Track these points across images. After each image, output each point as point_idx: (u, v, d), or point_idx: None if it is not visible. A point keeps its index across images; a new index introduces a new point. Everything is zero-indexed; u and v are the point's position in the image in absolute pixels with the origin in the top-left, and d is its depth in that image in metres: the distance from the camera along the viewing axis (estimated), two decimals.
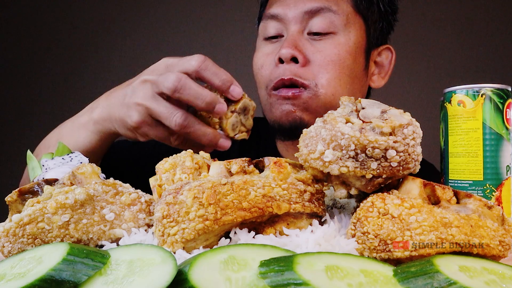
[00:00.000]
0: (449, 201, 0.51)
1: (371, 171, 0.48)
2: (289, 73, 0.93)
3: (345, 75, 0.96)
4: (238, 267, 0.41)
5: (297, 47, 0.93)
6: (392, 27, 1.10)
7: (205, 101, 0.74)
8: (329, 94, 0.94)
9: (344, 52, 0.95)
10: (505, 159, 0.71)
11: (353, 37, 0.97)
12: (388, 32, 1.09)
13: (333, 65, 0.94)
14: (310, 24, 0.95)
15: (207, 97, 0.74)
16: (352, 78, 0.97)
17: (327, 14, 0.94)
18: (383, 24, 1.05)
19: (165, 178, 0.55)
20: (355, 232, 0.48)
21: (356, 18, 0.99)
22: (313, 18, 0.95)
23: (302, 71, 0.93)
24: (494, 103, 0.71)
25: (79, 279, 0.40)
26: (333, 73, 0.94)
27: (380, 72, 1.08)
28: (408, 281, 0.40)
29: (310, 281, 0.37)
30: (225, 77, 0.76)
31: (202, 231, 0.47)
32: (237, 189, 0.49)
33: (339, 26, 0.95)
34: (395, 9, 1.08)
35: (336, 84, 0.95)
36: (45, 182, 0.57)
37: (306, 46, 0.95)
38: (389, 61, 1.08)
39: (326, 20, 0.94)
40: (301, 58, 0.93)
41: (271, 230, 0.51)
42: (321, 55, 0.94)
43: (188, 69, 0.76)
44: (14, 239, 0.50)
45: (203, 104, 0.74)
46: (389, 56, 1.09)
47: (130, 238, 0.53)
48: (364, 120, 0.50)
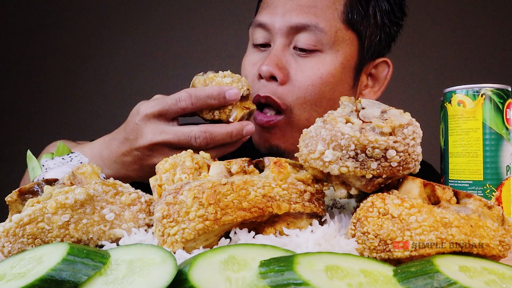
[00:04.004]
0: (449, 201, 0.51)
1: (371, 171, 0.48)
2: (267, 91, 0.91)
3: (324, 99, 0.91)
4: (238, 267, 0.41)
5: (278, 64, 0.90)
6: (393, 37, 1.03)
7: (233, 136, 0.77)
8: (303, 120, 0.91)
9: (327, 74, 0.90)
10: (505, 159, 0.71)
11: (341, 55, 0.92)
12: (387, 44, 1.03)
13: (312, 88, 0.90)
14: (296, 38, 0.91)
15: (233, 131, 0.77)
16: (333, 100, 0.92)
17: (313, 31, 0.90)
18: (381, 36, 0.99)
19: (165, 178, 0.55)
20: (355, 232, 0.48)
21: (347, 34, 0.93)
22: (300, 33, 0.90)
23: (281, 90, 0.90)
24: (494, 103, 0.71)
25: (79, 279, 0.40)
26: (311, 97, 0.90)
27: (374, 86, 1.03)
28: (408, 281, 0.40)
29: (310, 281, 0.37)
30: (216, 93, 0.76)
31: (202, 231, 0.47)
32: (237, 189, 0.49)
33: (326, 45, 0.90)
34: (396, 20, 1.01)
35: (311, 110, 0.91)
36: (45, 182, 0.57)
37: (290, 62, 0.91)
38: (385, 75, 1.02)
39: (312, 38, 0.90)
40: (280, 77, 0.89)
41: (271, 230, 0.51)
42: (302, 76, 0.90)
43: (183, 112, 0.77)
44: (14, 239, 0.50)
45: (233, 139, 0.78)
46: (386, 70, 1.02)
47: (130, 238, 0.53)
48: (364, 120, 0.50)
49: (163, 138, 0.76)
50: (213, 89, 0.76)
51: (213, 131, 0.76)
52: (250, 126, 0.79)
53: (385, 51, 1.03)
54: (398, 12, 1.01)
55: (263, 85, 0.92)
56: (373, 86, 1.03)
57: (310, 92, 0.90)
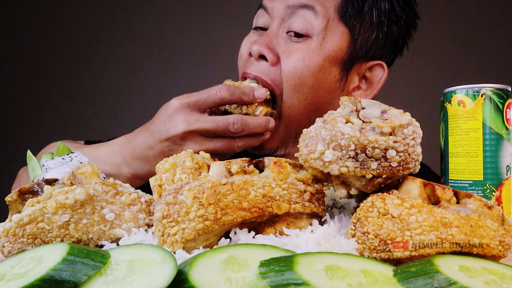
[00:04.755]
0: (449, 201, 0.51)
1: (371, 171, 0.48)
2: (255, 70, 0.93)
3: (306, 85, 0.92)
4: (238, 267, 0.41)
5: (268, 45, 0.92)
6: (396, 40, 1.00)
7: (262, 127, 0.87)
8: (286, 107, 0.93)
9: (309, 60, 0.92)
10: (505, 159, 0.71)
11: (329, 45, 0.93)
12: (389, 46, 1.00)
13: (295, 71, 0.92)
14: (289, 21, 0.93)
15: (263, 122, 0.87)
16: (315, 88, 0.93)
17: (308, 14, 0.92)
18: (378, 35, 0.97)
19: (165, 178, 0.55)
20: (355, 232, 0.48)
21: (338, 26, 0.94)
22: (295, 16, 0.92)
23: (272, 70, 0.92)
24: (494, 103, 0.71)
25: (79, 279, 0.40)
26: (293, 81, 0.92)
27: (367, 89, 1.01)
28: (408, 281, 0.40)
29: (310, 281, 0.37)
30: (247, 90, 0.87)
31: (202, 231, 0.47)
32: (237, 189, 0.49)
33: (315, 30, 0.92)
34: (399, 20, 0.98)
35: (293, 96, 0.92)
36: (45, 182, 0.57)
37: (280, 45, 0.93)
38: (379, 79, 1.00)
39: (304, 21, 0.92)
40: (270, 57, 0.92)
41: (271, 230, 0.51)
42: (288, 58, 0.92)
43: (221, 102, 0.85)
44: (14, 239, 0.50)
45: (262, 130, 0.87)
46: (380, 73, 1.00)
47: (130, 238, 0.53)
48: (364, 120, 0.50)
49: (200, 126, 0.82)
50: (245, 87, 0.88)
51: (246, 119, 0.85)
52: (273, 122, 0.89)
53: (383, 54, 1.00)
54: (402, 12, 0.99)
55: (252, 63, 0.94)
56: (366, 90, 1.01)
57: (292, 76, 0.92)
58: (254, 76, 0.93)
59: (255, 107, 0.89)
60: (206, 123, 0.83)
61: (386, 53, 1.01)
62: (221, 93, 0.84)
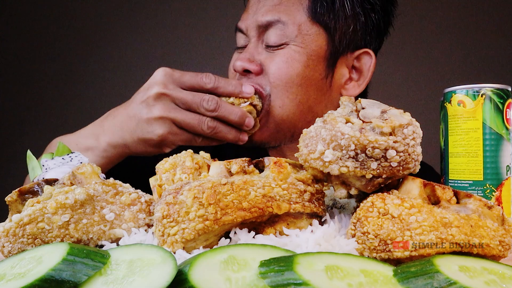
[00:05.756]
0: (449, 201, 0.51)
1: (371, 171, 0.48)
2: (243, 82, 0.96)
3: (294, 84, 0.94)
4: (238, 267, 0.41)
5: (250, 59, 0.95)
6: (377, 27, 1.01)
7: (237, 116, 0.85)
8: (277, 107, 0.95)
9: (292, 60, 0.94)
10: (505, 159, 0.71)
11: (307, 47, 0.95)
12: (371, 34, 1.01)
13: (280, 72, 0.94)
14: (265, 36, 0.96)
15: (239, 112, 0.85)
16: (303, 87, 0.95)
17: (278, 26, 0.95)
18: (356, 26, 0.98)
19: (165, 178, 0.55)
20: (355, 232, 0.48)
21: (312, 27, 0.96)
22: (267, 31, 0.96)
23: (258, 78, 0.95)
24: (494, 103, 0.71)
25: (79, 279, 0.40)
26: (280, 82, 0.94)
27: (359, 79, 1.02)
28: (408, 281, 0.40)
29: (310, 281, 0.37)
30: (234, 81, 0.86)
31: (202, 231, 0.47)
32: (237, 189, 0.49)
33: (291, 37, 0.95)
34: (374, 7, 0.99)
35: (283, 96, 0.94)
36: (45, 182, 0.57)
37: (263, 56, 0.96)
38: (368, 67, 1.01)
39: (278, 33, 0.95)
40: (253, 68, 0.94)
41: (271, 230, 0.51)
42: (272, 63, 0.94)
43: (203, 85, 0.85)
44: (14, 239, 0.50)
45: (236, 119, 0.85)
46: (368, 61, 1.01)
47: (130, 238, 0.53)
48: (364, 120, 0.50)
49: (176, 92, 0.82)
50: (233, 80, 0.87)
51: (222, 102, 0.84)
52: (252, 120, 0.87)
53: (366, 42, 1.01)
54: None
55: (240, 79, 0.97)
56: (358, 79, 1.03)
57: (278, 77, 0.94)
58: None
59: (243, 101, 0.87)
60: (182, 93, 0.83)
61: (370, 40, 1.02)
62: (206, 78, 0.85)
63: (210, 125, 0.84)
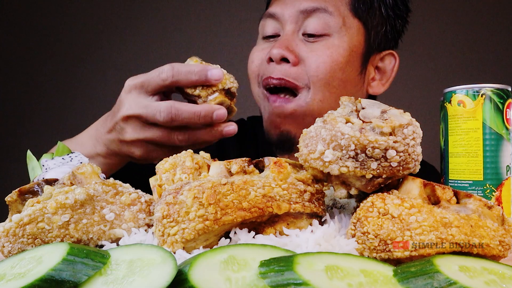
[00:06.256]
0: (449, 201, 0.51)
1: (371, 171, 0.48)
2: (279, 73, 0.94)
3: (336, 78, 0.94)
4: (238, 267, 0.41)
5: (288, 47, 0.93)
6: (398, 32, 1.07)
7: (201, 117, 0.74)
8: (317, 101, 0.94)
9: (336, 54, 0.94)
10: (505, 159, 0.71)
11: (348, 40, 0.96)
12: (394, 37, 1.06)
13: (324, 66, 0.93)
14: (305, 24, 0.95)
15: (202, 111, 0.74)
16: (344, 81, 0.96)
17: (322, 15, 0.94)
18: (387, 28, 1.03)
19: (165, 178, 0.55)
20: (355, 232, 0.48)
21: (353, 22, 0.98)
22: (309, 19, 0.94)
23: (294, 70, 0.93)
24: (494, 103, 0.71)
25: (79, 279, 0.40)
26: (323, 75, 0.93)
27: (382, 78, 1.06)
28: (408, 281, 0.40)
29: (310, 281, 0.37)
30: (198, 69, 0.74)
31: (202, 231, 0.47)
32: (237, 189, 0.49)
33: (334, 28, 0.94)
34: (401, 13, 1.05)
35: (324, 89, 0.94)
36: (45, 182, 0.57)
37: (300, 46, 0.95)
38: (392, 68, 1.06)
39: (320, 21, 0.94)
40: (291, 58, 0.92)
41: (271, 230, 0.51)
42: (313, 55, 0.93)
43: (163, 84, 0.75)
44: (14, 239, 0.50)
45: (201, 120, 0.74)
46: (392, 62, 1.06)
47: (130, 238, 0.53)
48: (364, 120, 0.50)
49: (135, 111, 0.75)
50: (197, 65, 0.75)
51: (179, 107, 0.73)
52: (222, 111, 0.75)
53: (391, 44, 1.06)
54: (402, 5, 1.05)
55: (274, 67, 0.94)
56: (381, 79, 1.06)
57: (322, 70, 0.93)
58: (279, 78, 0.94)
59: (211, 91, 0.75)
60: (140, 109, 0.74)
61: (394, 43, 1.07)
62: (163, 74, 0.74)
63: (180, 139, 0.77)
